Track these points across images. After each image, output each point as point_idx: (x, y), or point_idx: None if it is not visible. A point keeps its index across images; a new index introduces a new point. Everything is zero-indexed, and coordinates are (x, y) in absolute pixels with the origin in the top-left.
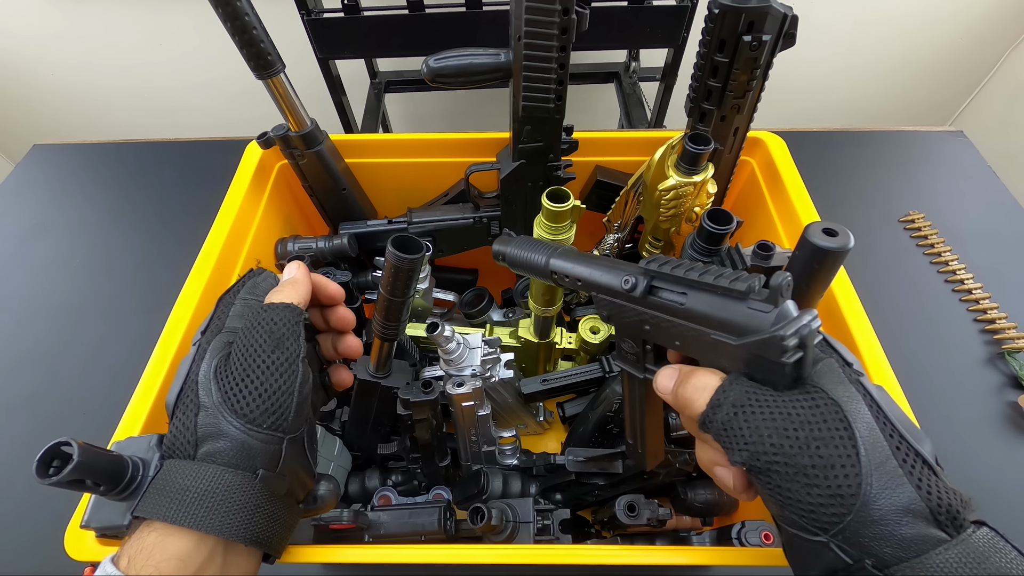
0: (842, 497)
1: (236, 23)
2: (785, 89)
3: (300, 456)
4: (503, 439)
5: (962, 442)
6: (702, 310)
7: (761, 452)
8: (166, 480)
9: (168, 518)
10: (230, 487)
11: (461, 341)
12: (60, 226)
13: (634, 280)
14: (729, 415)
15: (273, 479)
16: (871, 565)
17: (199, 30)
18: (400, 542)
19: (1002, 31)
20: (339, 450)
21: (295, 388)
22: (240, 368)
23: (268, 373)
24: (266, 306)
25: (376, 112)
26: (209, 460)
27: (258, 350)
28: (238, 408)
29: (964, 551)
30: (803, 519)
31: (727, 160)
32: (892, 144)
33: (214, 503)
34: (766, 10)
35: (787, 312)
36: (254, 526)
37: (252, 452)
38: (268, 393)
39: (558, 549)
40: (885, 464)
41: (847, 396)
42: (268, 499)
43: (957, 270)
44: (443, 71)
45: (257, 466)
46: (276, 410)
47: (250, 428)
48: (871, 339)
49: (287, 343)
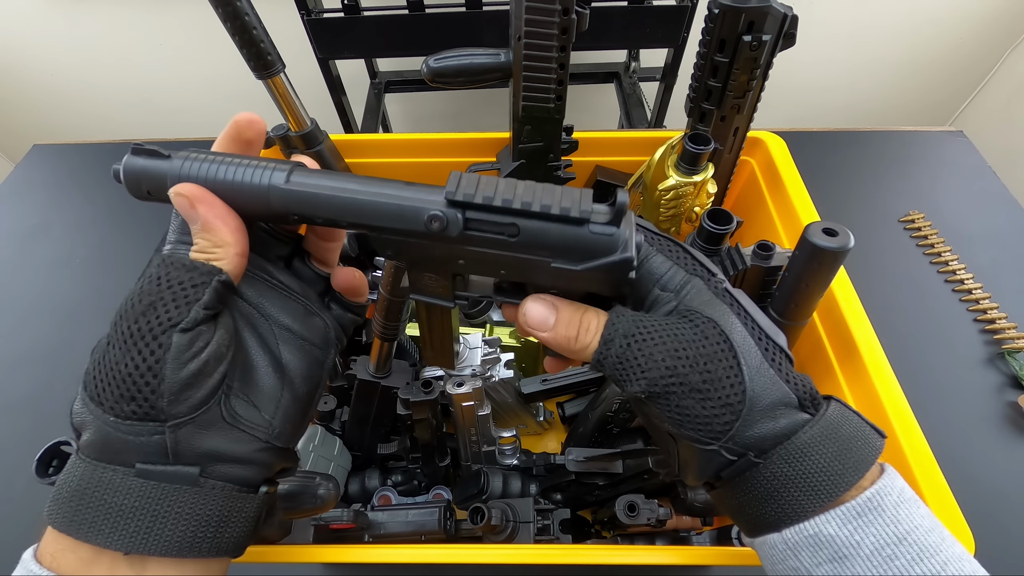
0: (731, 406)
1: (236, 23)
2: (785, 89)
3: (222, 436)
4: (503, 439)
5: (962, 442)
6: (539, 241)
7: (658, 377)
8: (63, 474)
9: (50, 520)
10: (95, 484)
11: (461, 341)
12: (60, 226)
13: (444, 218)
14: (623, 347)
15: (166, 472)
16: (752, 456)
17: (199, 30)
18: (400, 542)
19: (1002, 31)
20: (339, 450)
21: (162, 366)
22: (106, 341)
23: (124, 347)
24: (164, 260)
25: (376, 112)
26: (84, 454)
27: (124, 316)
28: (92, 391)
29: (823, 426)
30: (698, 432)
31: (727, 160)
32: (892, 144)
33: (80, 502)
34: (766, 10)
35: (628, 231)
36: (132, 531)
37: (116, 445)
38: (122, 374)
39: (558, 549)
40: (760, 368)
41: (720, 312)
42: (156, 498)
43: (957, 270)
44: (443, 71)
45: (132, 460)
46: (134, 395)
47: (104, 416)
48: (871, 339)
49: (160, 308)
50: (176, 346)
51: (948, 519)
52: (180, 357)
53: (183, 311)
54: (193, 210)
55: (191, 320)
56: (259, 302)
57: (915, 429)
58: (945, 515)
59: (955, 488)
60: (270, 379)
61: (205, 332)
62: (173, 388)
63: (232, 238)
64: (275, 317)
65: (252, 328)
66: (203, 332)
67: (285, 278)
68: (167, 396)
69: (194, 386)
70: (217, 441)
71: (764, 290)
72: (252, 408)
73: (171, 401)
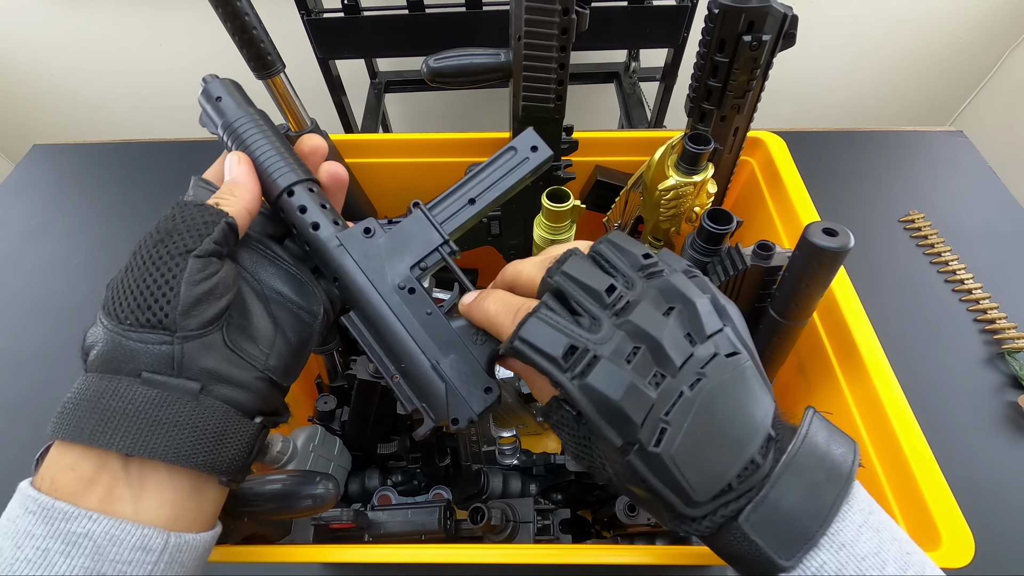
0: None
1: (236, 23)
2: (785, 89)
3: (224, 359)
4: (503, 439)
5: (962, 442)
6: None
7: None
8: (68, 393)
9: (54, 434)
10: (100, 392)
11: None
12: (59, 226)
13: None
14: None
15: (169, 383)
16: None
17: (199, 30)
18: (400, 542)
19: (1002, 31)
20: (339, 450)
21: (178, 282)
22: (123, 269)
23: (142, 268)
24: (179, 203)
25: (376, 112)
26: (91, 370)
27: (143, 246)
28: (109, 308)
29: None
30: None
31: (727, 160)
32: (892, 144)
33: (84, 410)
34: (766, 10)
35: None
36: (134, 433)
37: (125, 354)
38: (139, 288)
39: (558, 549)
40: None
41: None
42: (158, 404)
43: (957, 270)
44: (443, 71)
45: (139, 369)
46: (150, 305)
47: (118, 327)
48: (871, 339)
49: (176, 237)
50: (191, 267)
51: (948, 519)
52: (194, 277)
53: (196, 241)
54: (238, 167)
55: (204, 249)
56: (254, 269)
57: (915, 429)
58: (945, 515)
59: (955, 488)
60: (265, 323)
61: (215, 263)
62: (187, 302)
63: (247, 198)
64: (268, 283)
65: (249, 285)
66: (214, 262)
67: (280, 251)
68: (180, 308)
69: (204, 303)
70: (219, 362)
71: (764, 290)
72: (250, 342)
73: (183, 313)
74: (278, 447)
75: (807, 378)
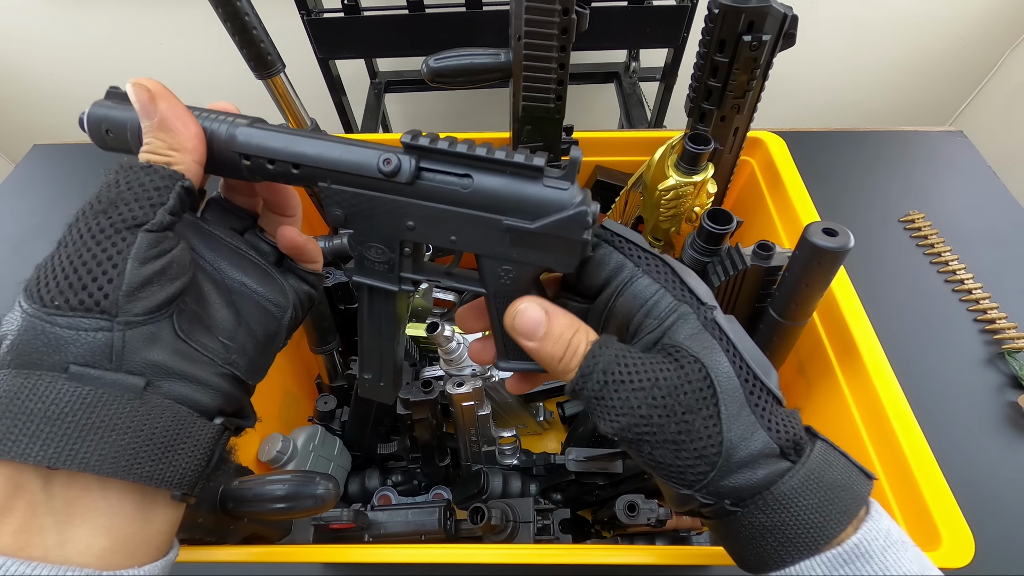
0: (706, 458)
1: (236, 23)
2: (785, 89)
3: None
4: (503, 439)
5: (962, 442)
6: (493, 192)
7: (632, 424)
8: None
9: None
10: (14, 392)
11: (461, 341)
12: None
13: (396, 161)
14: (599, 384)
15: (105, 378)
16: (728, 504)
17: (199, 30)
18: (400, 542)
19: (1002, 31)
20: (339, 450)
21: (124, 259)
22: (56, 245)
23: (79, 243)
24: (123, 166)
25: (376, 112)
26: (1, 366)
27: (80, 218)
28: (32, 289)
29: (805, 475)
30: (671, 479)
31: (727, 160)
32: (892, 144)
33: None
34: (766, 10)
35: (584, 194)
36: (58, 440)
37: (49, 343)
38: (73, 266)
39: (558, 549)
40: (740, 414)
41: (706, 348)
42: (90, 404)
43: (957, 270)
44: (443, 71)
45: (66, 362)
46: (86, 284)
47: (41, 310)
48: (871, 339)
49: (122, 207)
50: (140, 243)
51: (948, 519)
52: (143, 253)
53: (148, 212)
54: (152, 104)
55: (157, 223)
56: (213, 258)
57: (915, 429)
58: (945, 515)
59: (955, 488)
60: (224, 313)
61: (170, 238)
62: (133, 282)
63: (191, 144)
64: (229, 273)
65: (207, 274)
66: (168, 237)
67: (241, 243)
68: (125, 289)
69: (154, 284)
70: (168, 355)
71: (764, 290)
72: (206, 333)
73: (128, 295)
74: (278, 447)
75: (807, 378)
